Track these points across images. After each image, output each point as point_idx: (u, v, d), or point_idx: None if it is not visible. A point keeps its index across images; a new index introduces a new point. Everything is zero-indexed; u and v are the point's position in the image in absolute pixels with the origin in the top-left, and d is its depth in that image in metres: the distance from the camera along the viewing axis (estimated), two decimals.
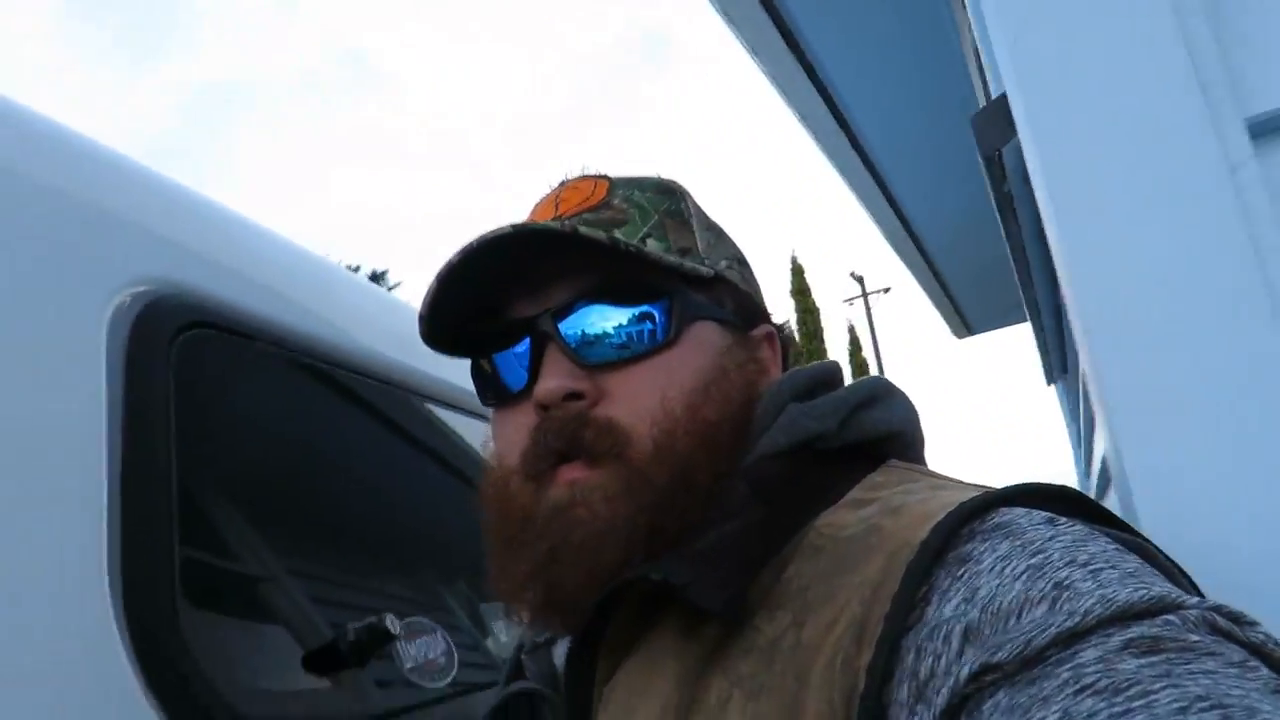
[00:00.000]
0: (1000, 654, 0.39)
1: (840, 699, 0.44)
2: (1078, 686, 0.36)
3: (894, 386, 0.66)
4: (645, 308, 0.61)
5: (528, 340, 0.63)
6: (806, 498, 0.58)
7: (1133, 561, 0.45)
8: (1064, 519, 0.48)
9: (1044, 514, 0.49)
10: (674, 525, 0.57)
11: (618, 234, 0.62)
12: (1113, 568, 0.43)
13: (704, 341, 0.63)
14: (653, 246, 0.63)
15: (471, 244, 0.58)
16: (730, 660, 0.50)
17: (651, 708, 0.51)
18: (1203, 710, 0.33)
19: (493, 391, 0.65)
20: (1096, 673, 0.36)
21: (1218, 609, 0.39)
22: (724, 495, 0.58)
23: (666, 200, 0.68)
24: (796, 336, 0.76)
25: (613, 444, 0.58)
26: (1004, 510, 0.49)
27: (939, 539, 0.47)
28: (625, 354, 0.60)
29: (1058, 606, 0.40)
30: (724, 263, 0.68)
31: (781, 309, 0.79)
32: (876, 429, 0.63)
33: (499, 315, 0.64)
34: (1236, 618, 0.39)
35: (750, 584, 0.52)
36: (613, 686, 0.55)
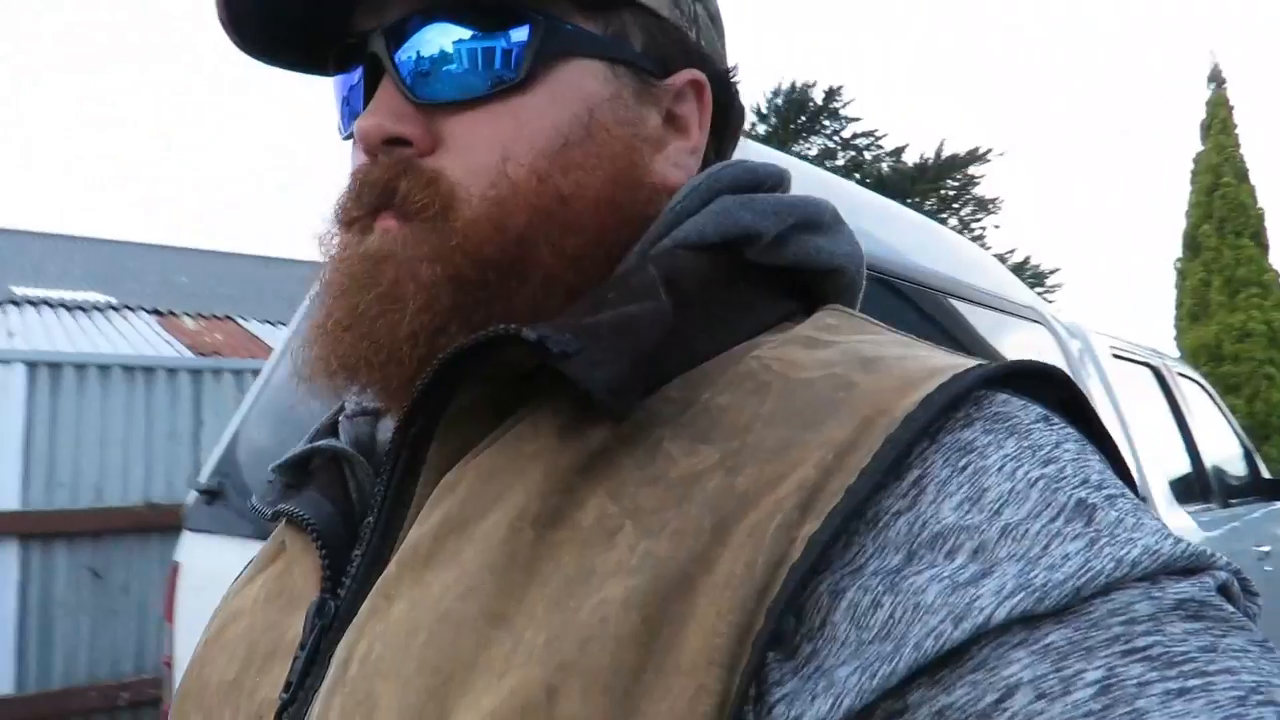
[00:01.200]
0: (1046, 602, 0.32)
1: (764, 565, 0.35)
2: (1127, 646, 0.31)
3: (841, 218, 0.54)
4: (497, 35, 0.47)
5: (361, 67, 0.50)
6: (735, 309, 0.48)
7: (1125, 488, 0.39)
8: (1056, 418, 0.40)
9: (1039, 408, 0.41)
10: (490, 314, 0.45)
11: None
12: (1122, 495, 0.37)
13: (574, 87, 0.48)
14: None
15: None
16: (622, 483, 0.40)
17: (499, 515, 0.40)
18: (1260, 704, 0.29)
19: (341, 122, 0.54)
20: (1148, 635, 0.32)
21: (1237, 573, 0.36)
22: (618, 284, 0.46)
23: None
24: (744, 98, 0.58)
25: (432, 202, 0.46)
26: (1000, 396, 0.41)
27: (928, 414, 0.38)
28: (465, 93, 0.47)
29: (1097, 548, 0.34)
30: None
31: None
32: (819, 257, 0.51)
33: (337, 21, 0.51)
34: (1245, 585, 0.36)
35: (651, 381, 0.42)
36: (452, 483, 0.43)
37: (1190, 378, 3.84)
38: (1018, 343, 2.33)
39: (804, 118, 14.00)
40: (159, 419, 4.43)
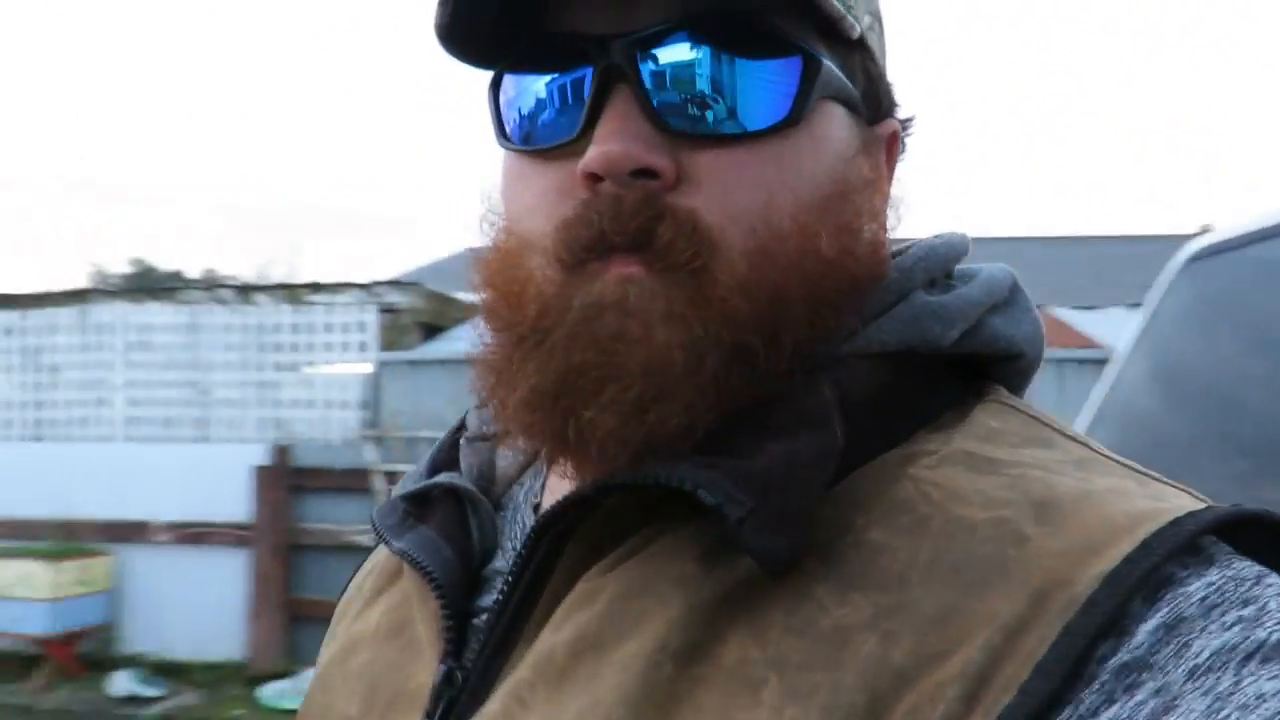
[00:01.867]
0: None
1: None
2: None
3: (1020, 287, 0.50)
4: (767, 65, 0.42)
5: (589, 72, 0.43)
6: (900, 410, 0.44)
7: None
8: (1272, 576, 0.37)
9: (1253, 567, 0.37)
10: (748, 386, 0.41)
11: None
12: None
13: (830, 133, 0.44)
14: None
15: None
16: (767, 625, 0.38)
17: (638, 644, 0.39)
18: None
19: (520, 128, 0.46)
20: None
21: None
22: (798, 391, 0.42)
23: None
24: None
25: (695, 251, 0.41)
26: (1221, 555, 0.37)
27: (1115, 600, 0.34)
28: (728, 127, 0.42)
29: None
30: (868, 19, 0.47)
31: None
32: (997, 345, 0.47)
33: (548, 19, 0.45)
34: None
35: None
36: (590, 593, 0.41)
37: None
38: None
39: None
40: None
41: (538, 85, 0.45)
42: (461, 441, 0.55)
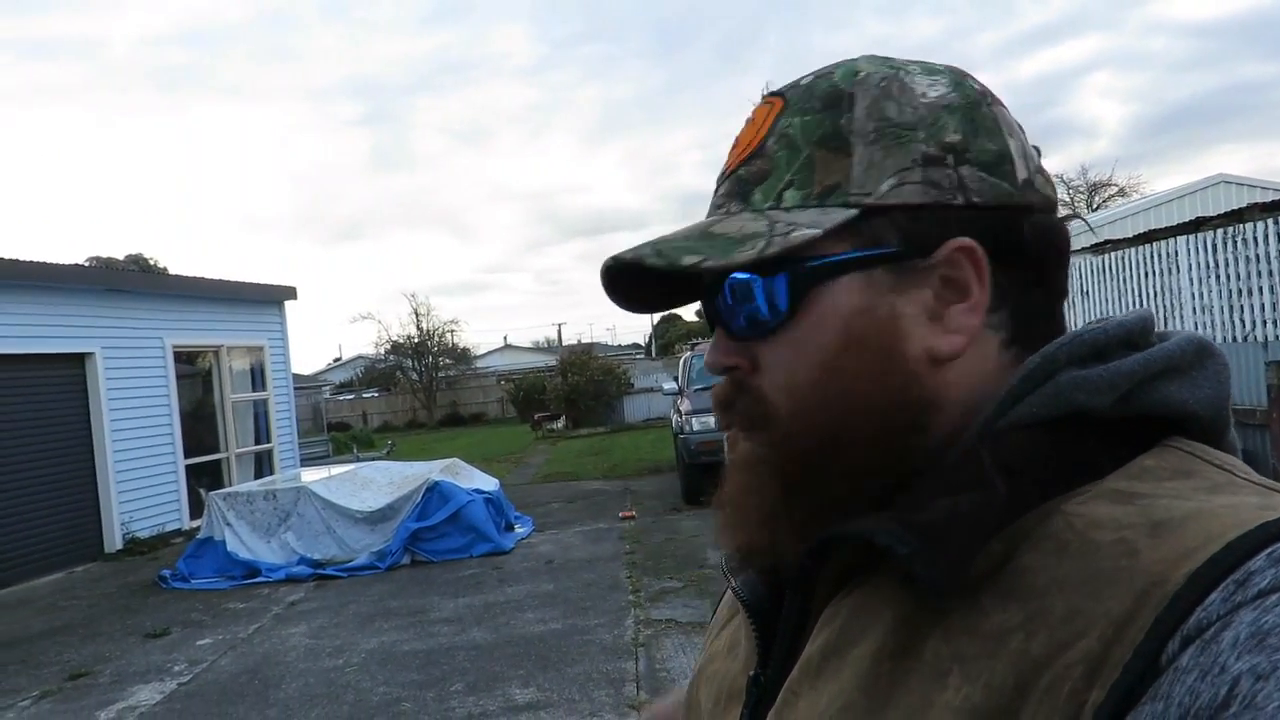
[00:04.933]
0: None
1: None
2: None
3: (1211, 349, 0.56)
4: (766, 280, 0.57)
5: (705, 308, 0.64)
6: (1058, 473, 0.52)
7: None
8: None
9: None
10: (825, 495, 0.57)
11: (757, 194, 0.58)
12: None
13: (832, 307, 0.56)
14: (789, 199, 0.57)
15: (601, 277, 0.62)
16: (950, 629, 0.49)
17: (865, 648, 0.52)
18: None
19: None
20: None
21: None
22: (949, 472, 0.53)
23: (828, 119, 0.58)
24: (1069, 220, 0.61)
25: (759, 416, 0.59)
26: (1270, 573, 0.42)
27: (1196, 592, 0.42)
28: (759, 330, 0.58)
29: None
30: (890, 181, 0.56)
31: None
32: (1165, 408, 0.54)
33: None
34: None
35: (974, 561, 0.49)
36: (831, 616, 0.56)
37: None
38: None
39: None
40: None
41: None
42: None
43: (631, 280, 0.62)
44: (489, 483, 10.15)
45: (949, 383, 0.56)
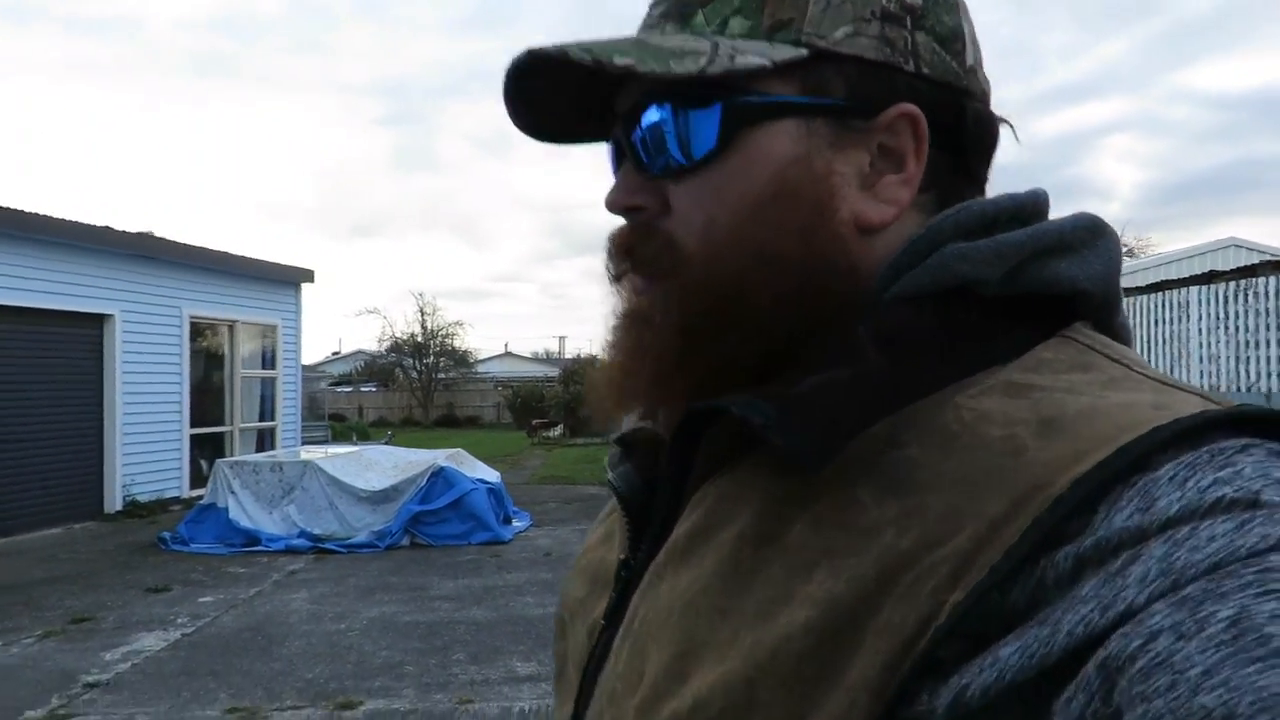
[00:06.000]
0: (1182, 582, 0.35)
1: (914, 620, 0.40)
2: (1262, 590, 0.33)
3: (1104, 227, 0.53)
4: (694, 112, 0.52)
5: (611, 142, 0.59)
6: (963, 349, 0.49)
7: None
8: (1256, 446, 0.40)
9: (1258, 444, 0.40)
10: (725, 354, 0.53)
11: (699, 17, 0.54)
12: None
13: (764, 152, 0.52)
14: (734, 27, 0.53)
15: (507, 74, 0.54)
16: (822, 521, 0.46)
17: (729, 532, 0.49)
18: None
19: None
20: None
21: None
22: (828, 345, 0.50)
23: None
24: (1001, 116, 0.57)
25: (667, 262, 0.54)
26: (1209, 442, 0.41)
27: (1079, 495, 0.40)
28: (678, 166, 0.53)
29: (1246, 529, 0.36)
30: (846, 29, 0.52)
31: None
32: (1054, 285, 0.51)
33: (603, 98, 0.58)
34: None
35: (856, 429, 0.46)
36: (700, 500, 0.53)
37: None
38: None
39: None
40: None
41: (610, 149, 0.61)
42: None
43: (538, 87, 0.55)
44: (491, 474, 10.23)
45: (866, 255, 0.52)
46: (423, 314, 37.22)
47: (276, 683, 4.97)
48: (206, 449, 12.69)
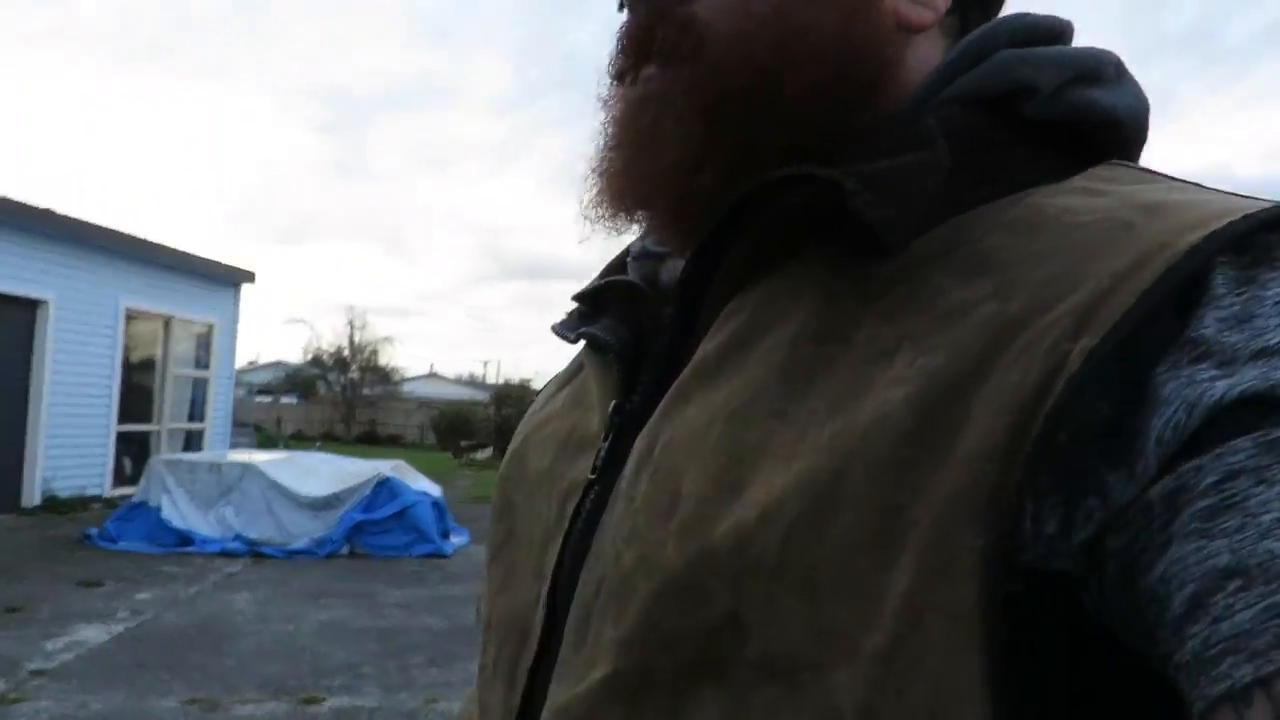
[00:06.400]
0: (1276, 391, 0.34)
1: (1038, 375, 0.37)
2: None
3: (1125, 68, 0.51)
4: None
5: None
6: (1009, 164, 0.47)
7: None
8: None
9: None
10: (753, 141, 0.49)
11: None
12: None
13: None
14: None
15: None
16: (895, 310, 0.43)
17: (782, 333, 0.45)
18: None
19: None
20: None
21: None
22: (893, 133, 0.47)
23: None
24: None
25: (690, 44, 0.50)
26: None
27: (1215, 245, 0.38)
28: None
29: None
30: None
31: None
32: (1096, 110, 0.48)
33: None
34: None
35: (923, 226, 0.44)
36: (736, 309, 0.48)
37: None
38: None
39: None
40: None
41: None
42: (629, 259, 0.62)
43: None
44: (433, 488, 10.15)
45: (902, 59, 0.51)
46: (352, 326, 36.68)
47: (232, 677, 4.88)
48: (132, 447, 12.26)
